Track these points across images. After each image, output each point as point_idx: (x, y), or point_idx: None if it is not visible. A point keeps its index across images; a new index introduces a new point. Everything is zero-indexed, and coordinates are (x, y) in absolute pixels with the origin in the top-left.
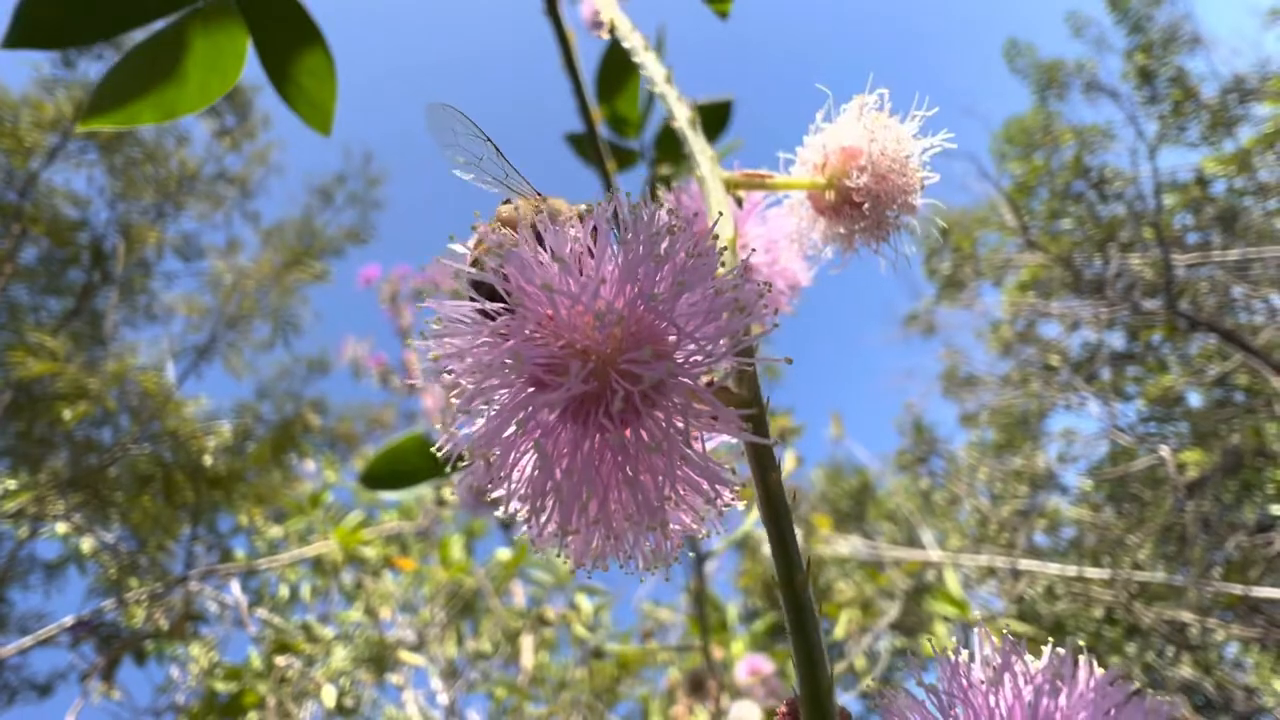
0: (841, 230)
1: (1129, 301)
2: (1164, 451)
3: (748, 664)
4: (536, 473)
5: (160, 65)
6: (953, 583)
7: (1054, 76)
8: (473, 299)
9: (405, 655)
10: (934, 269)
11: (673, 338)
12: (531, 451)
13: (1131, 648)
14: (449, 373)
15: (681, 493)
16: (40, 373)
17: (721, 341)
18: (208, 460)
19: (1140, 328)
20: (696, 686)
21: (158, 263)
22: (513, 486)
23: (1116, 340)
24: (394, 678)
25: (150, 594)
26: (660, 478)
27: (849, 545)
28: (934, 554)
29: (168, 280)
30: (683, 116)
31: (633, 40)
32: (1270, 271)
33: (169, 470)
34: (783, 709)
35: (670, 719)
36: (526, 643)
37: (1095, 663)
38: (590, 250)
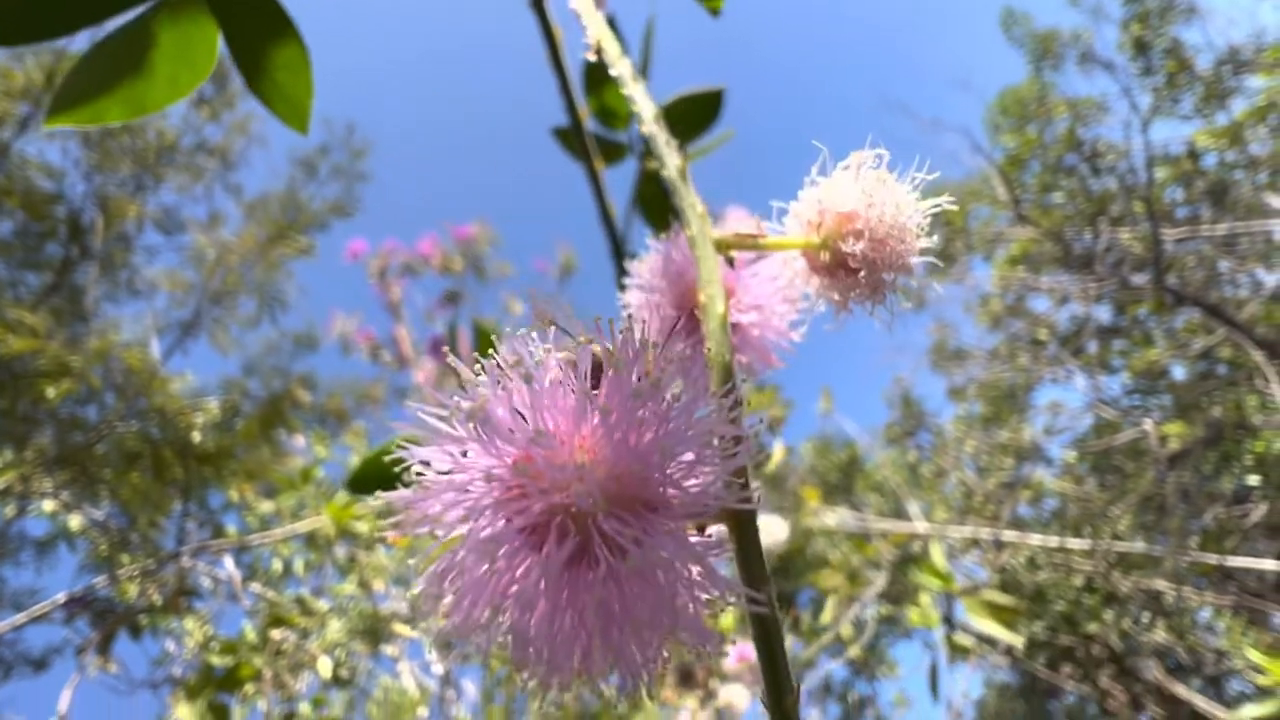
0: (835, 295)
1: (1117, 276)
2: (1147, 424)
3: (736, 651)
4: (512, 635)
5: (126, 60)
6: (938, 554)
7: (1049, 47)
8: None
9: (400, 628)
10: (925, 244)
11: (661, 487)
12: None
13: (1109, 614)
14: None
15: (668, 648)
16: (21, 350)
17: (716, 488)
18: (196, 437)
19: (1128, 302)
20: (685, 677)
21: (138, 237)
22: (490, 639)
23: (1104, 314)
24: (389, 649)
25: (143, 570)
26: (648, 632)
27: (837, 517)
28: (920, 525)
29: (149, 255)
30: (672, 165)
31: (621, 68)
32: (1257, 246)
33: (157, 447)
34: None
35: (660, 701)
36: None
37: None
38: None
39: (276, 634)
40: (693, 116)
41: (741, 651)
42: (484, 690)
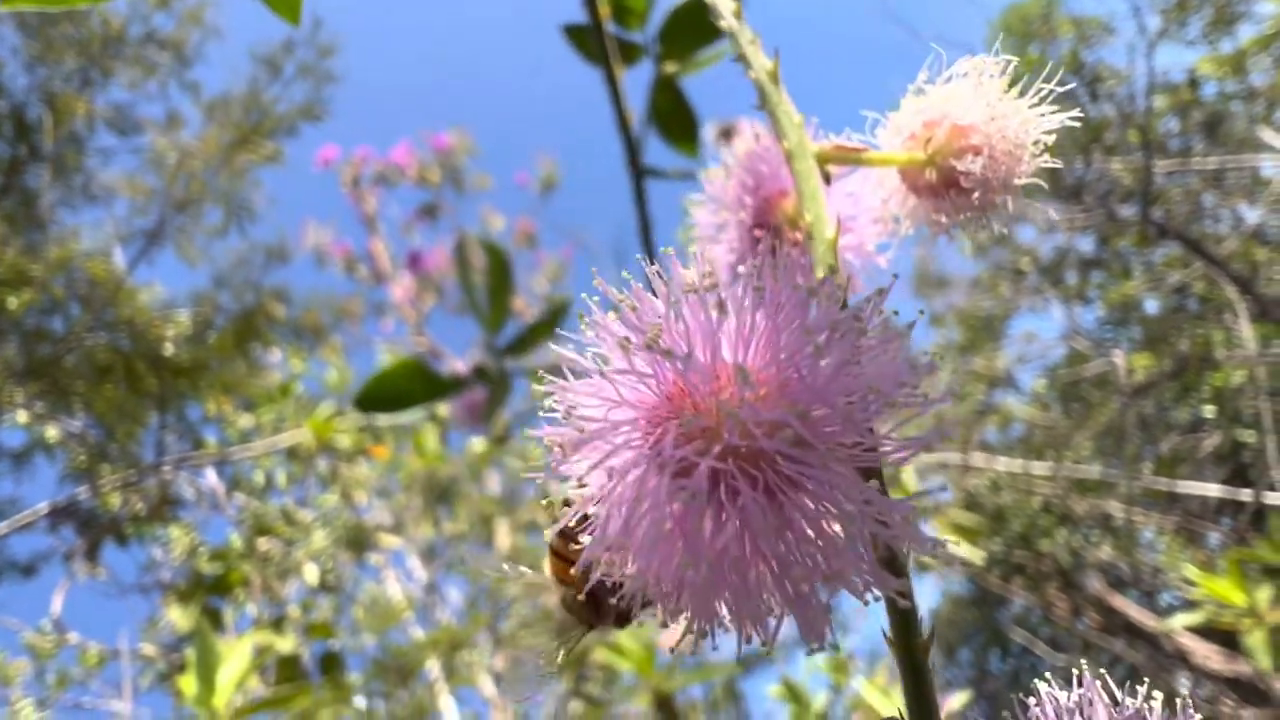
0: (941, 217)
1: (1105, 207)
2: (1116, 356)
3: None
4: (671, 575)
5: None
6: (907, 475)
7: None
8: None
9: (383, 537)
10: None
11: (828, 428)
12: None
13: (1062, 534)
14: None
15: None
16: None
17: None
18: (168, 349)
19: (1111, 234)
20: None
21: (91, 137)
22: (633, 573)
23: (1086, 246)
24: (373, 557)
25: (124, 481)
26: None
27: None
28: None
29: (104, 158)
30: (761, 68)
31: None
32: (1244, 181)
33: (128, 359)
34: None
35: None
36: (502, 526)
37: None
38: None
39: (262, 542)
40: (698, 25)
41: None
42: (468, 597)
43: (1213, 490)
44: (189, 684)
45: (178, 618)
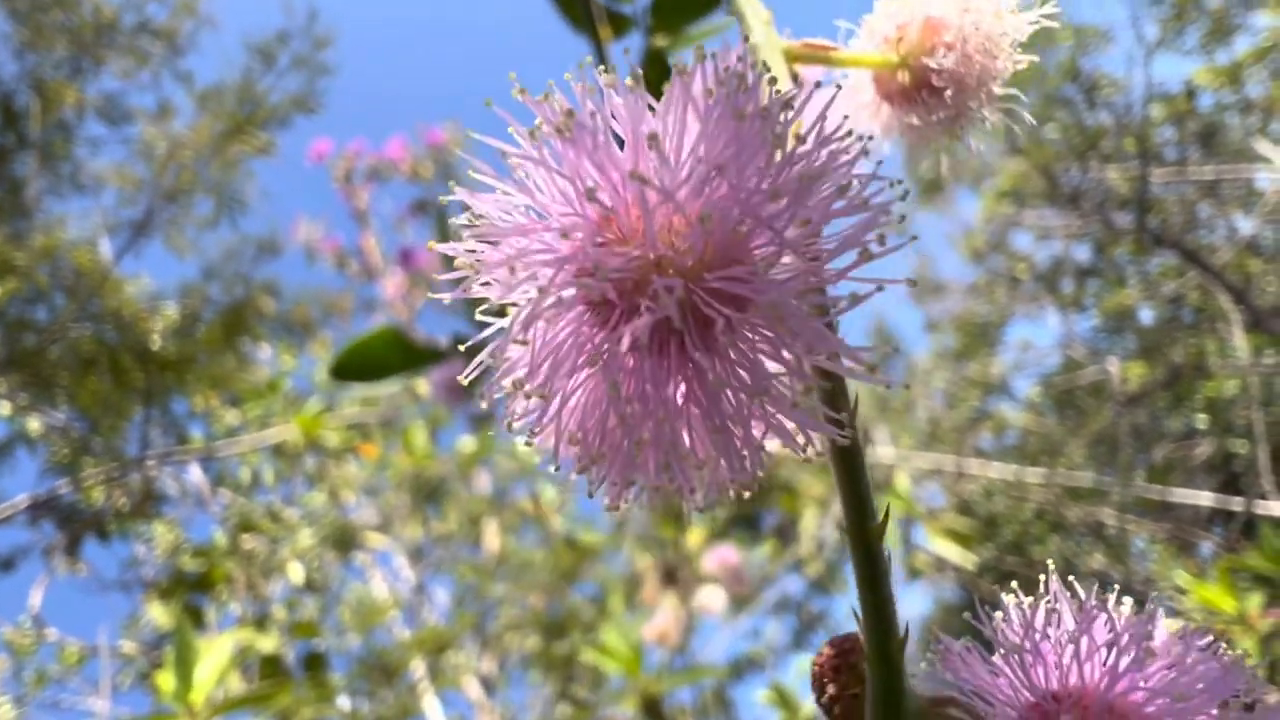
0: (914, 120)
1: (1101, 215)
2: (1110, 365)
3: (717, 555)
4: (596, 416)
5: None
6: (902, 480)
7: None
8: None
9: (370, 536)
10: (915, 171)
11: (762, 250)
12: (585, 386)
13: (1054, 541)
14: (486, 284)
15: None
16: None
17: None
18: (155, 342)
19: (1108, 242)
20: (669, 576)
21: (80, 126)
22: (563, 427)
23: (1083, 254)
24: (360, 557)
25: (107, 475)
26: (747, 416)
27: None
28: (885, 451)
29: (93, 147)
30: None
31: None
32: (1239, 191)
33: (114, 352)
34: (828, 653)
35: (639, 602)
36: (490, 526)
37: (1169, 620)
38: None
39: (247, 540)
40: (688, 2)
41: (721, 555)
42: (455, 597)
43: (1205, 499)
44: (166, 680)
45: (159, 615)
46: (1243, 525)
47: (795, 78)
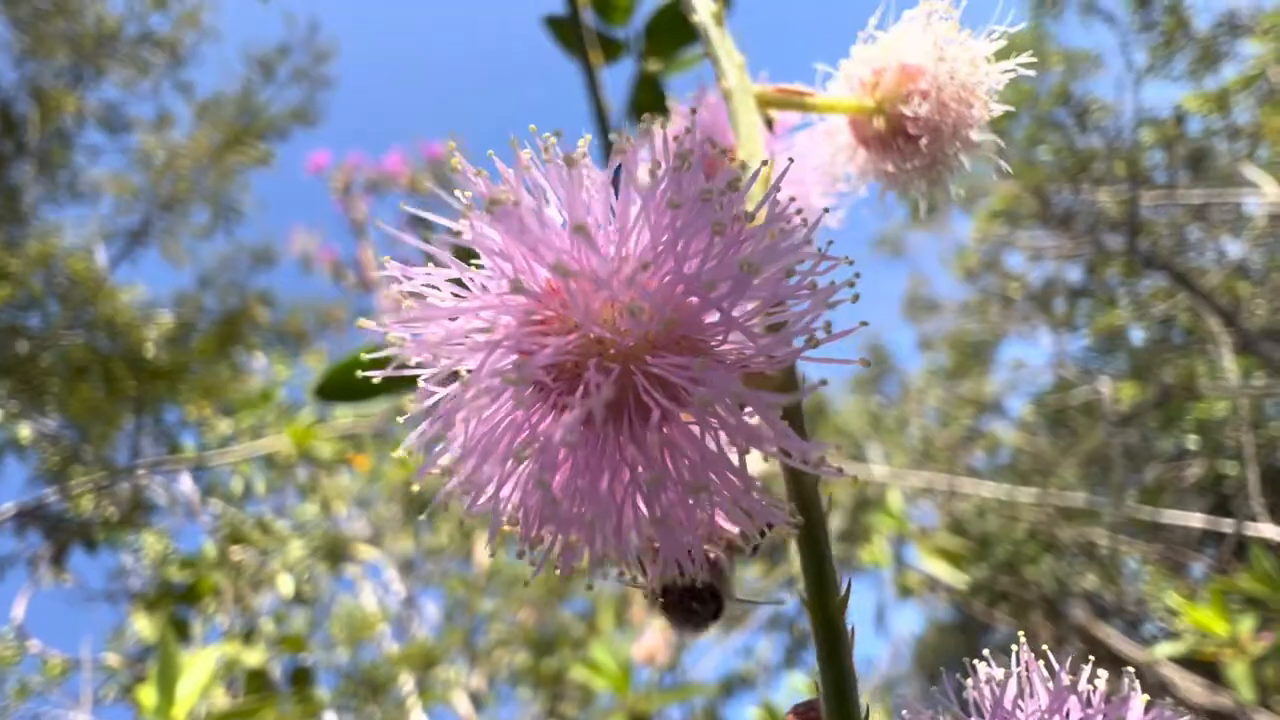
0: (889, 167)
1: (1092, 237)
2: (1102, 385)
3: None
4: (533, 500)
5: None
6: (894, 499)
7: None
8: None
9: (361, 548)
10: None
11: (712, 328)
12: (520, 472)
13: (1047, 561)
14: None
15: (719, 525)
16: None
17: (784, 352)
18: (149, 350)
19: (1099, 264)
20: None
21: (78, 134)
22: (500, 505)
23: (1075, 275)
24: (350, 569)
25: (97, 484)
26: (690, 507)
27: None
28: (877, 469)
29: (91, 155)
30: (704, 8)
31: None
32: (1227, 215)
33: (107, 360)
34: (798, 712)
35: (629, 620)
36: (482, 540)
37: (1145, 699)
38: (612, 209)
39: (236, 551)
40: (682, 24)
41: None
42: (445, 611)
43: (1196, 520)
44: (148, 695)
45: (144, 627)
46: (1234, 547)
47: (769, 123)
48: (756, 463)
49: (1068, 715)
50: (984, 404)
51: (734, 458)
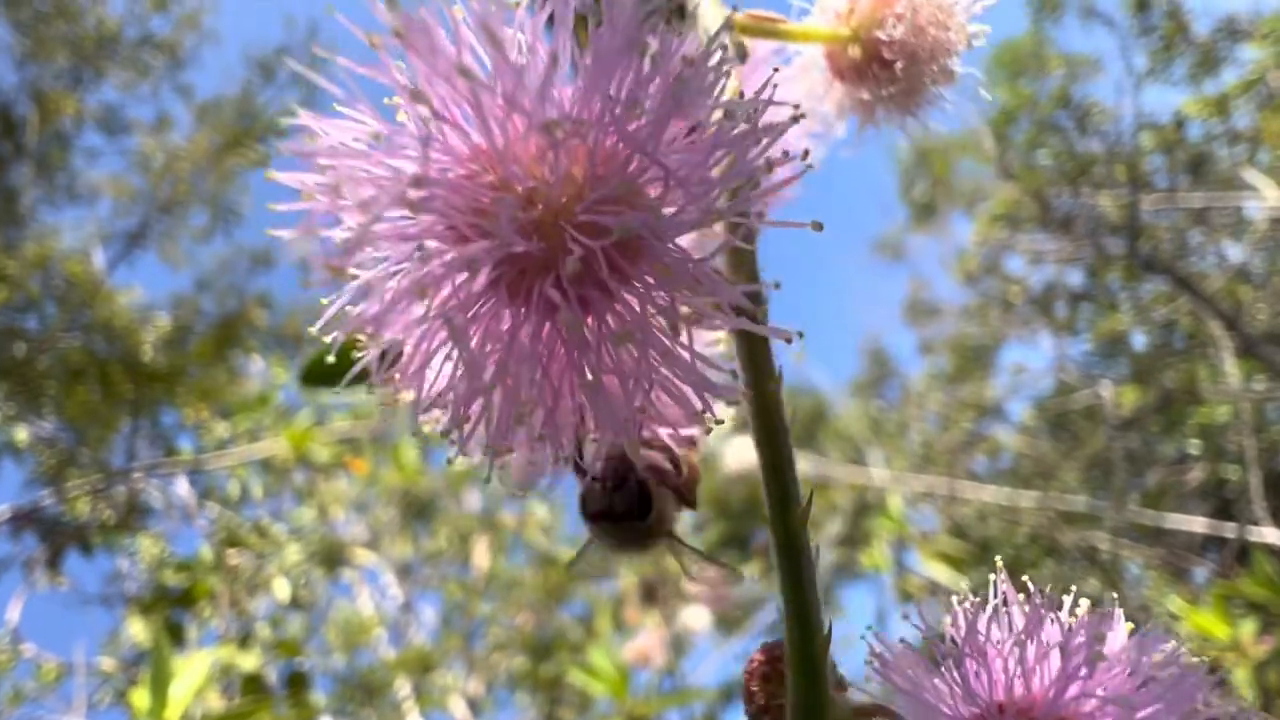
0: (864, 95)
1: (1093, 240)
2: (1103, 390)
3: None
4: (458, 371)
5: None
6: (895, 503)
7: None
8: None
9: (359, 553)
10: (909, 194)
11: (653, 185)
12: (447, 340)
13: (1049, 566)
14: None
15: (659, 403)
16: None
17: (720, 194)
18: (146, 353)
19: (1100, 268)
20: (649, 594)
21: (77, 136)
22: (426, 386)
23: (1075, 279)
24: (347, 573)
25: (93, 487)
26: (631, 382)
27: (800, 464)
28: (877, 473)
29: (90, 157)
30: None
31: None
32: (1227, 219)
33: (104, 363)
34: (758, 658)
35: (620, 619)
36: (480, 544)
37: (1126, 621)
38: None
39: (232, 555)
40: None
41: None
42: (442, 615)
43: (1198, 525)
44: (141, 698)
45: (139, 631)
46: (1237, 551)
47: (741, 50)
48: (698, 332)
49: (1045, 637)
50: (985, 408)
51: (665, 315)
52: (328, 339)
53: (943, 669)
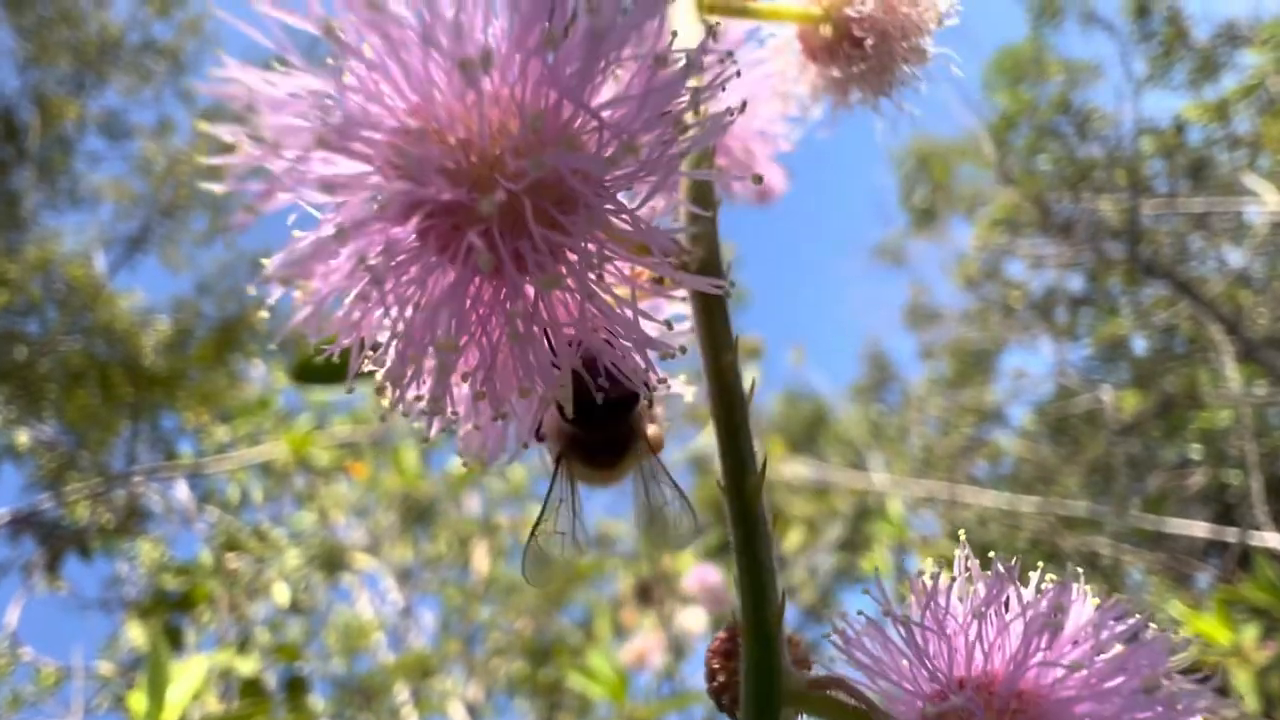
0: (836, 74)
1: (1093, 245)
2: (1104, 394)
3: (697, 574)
4: (393, 325)
5: None
6: (895, 507)
7: (1051, 2)
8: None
9: (359, 557)
10: (909, 199)
11: (591, 136)
12: (377, 294)
13: (1051, 572)
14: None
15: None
16: None
17: (665, 147)
18: (147, 357)
19: (1101, 272)
20: (644, 594)
21: (80, 141)
22: (360, 340)
23: (1076, 283)
24: (347, 577)
25: (92, 491)
26: (568, 337)
27: (799, 470)
28: (877, 478)
29: (92, 161)
30: None
31: None
32: (1227, 224)
33: (104, 366)
34: (721, 636)
35: (619, 623)
36: (479, 549)
37: (1089, 593)
38: None
39: (232, 559)
40: None
41: (701, 574)
42: (442, 620)
43: (1199, 530)
44: (138, 701)
45: (138, 636)
46: (1239, 556)
47: (711, 29)
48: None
49: (1006, 605)
50: (985, 413)
51: (595, 266)
52: (268, 301)
53: (904, 644)
